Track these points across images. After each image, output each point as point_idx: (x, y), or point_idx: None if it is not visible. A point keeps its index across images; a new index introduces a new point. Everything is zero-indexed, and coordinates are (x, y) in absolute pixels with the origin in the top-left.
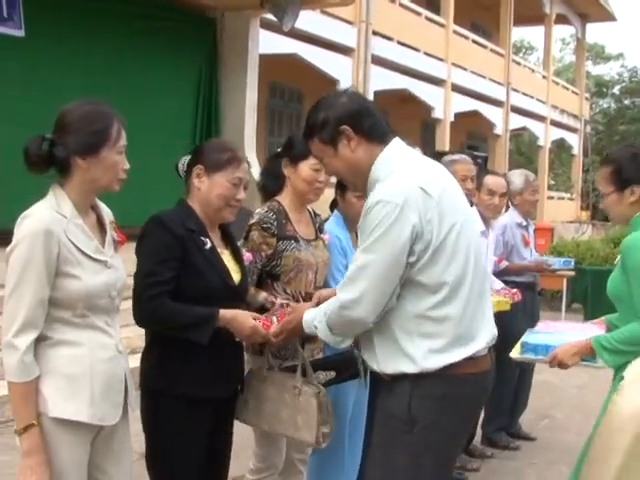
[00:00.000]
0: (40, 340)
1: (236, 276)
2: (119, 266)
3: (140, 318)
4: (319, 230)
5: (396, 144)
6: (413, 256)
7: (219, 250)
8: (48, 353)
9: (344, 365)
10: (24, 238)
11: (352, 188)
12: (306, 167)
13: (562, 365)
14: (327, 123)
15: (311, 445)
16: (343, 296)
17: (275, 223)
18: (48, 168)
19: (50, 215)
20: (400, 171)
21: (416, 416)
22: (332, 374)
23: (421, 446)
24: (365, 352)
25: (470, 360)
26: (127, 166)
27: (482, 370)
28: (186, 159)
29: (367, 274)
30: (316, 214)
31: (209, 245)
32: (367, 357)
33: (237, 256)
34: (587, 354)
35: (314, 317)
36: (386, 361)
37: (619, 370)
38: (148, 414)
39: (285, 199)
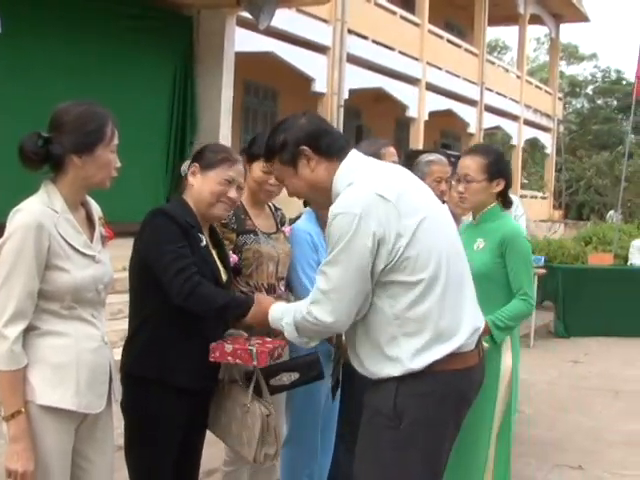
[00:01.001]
0: (28, 330)
1: (223, 275)
2: (107, 261)
3: (180, 299)
4: (280, 223)
5: (352, 157)
6: (380, 260)
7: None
8: (36, 343)
9: (308, 367)
10: (16, 231)
11: (316, 207)
12: (257, 168)
13: None
14: (286, 144)
15: (250, 463)
16: (317, 313)
17: (234, 218)
18: (42, 165)
19: (42, 210)
20: (357, 182)
21: (402, 413)
22: (296, 375)
23: (408, 442)
24: (350, 355)
25: (454, 356)
26: (119, 164)
27: (468, 366)
28: (188, 162)
29: (337, 286)
30: (277, 208)
31: (204, 243)
32: (352, 359)
33: (223, 256)
34: (484, 335)
35: (282, 315)
36: (371, 366)
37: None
38: (129, 401)
39: (243, 195)
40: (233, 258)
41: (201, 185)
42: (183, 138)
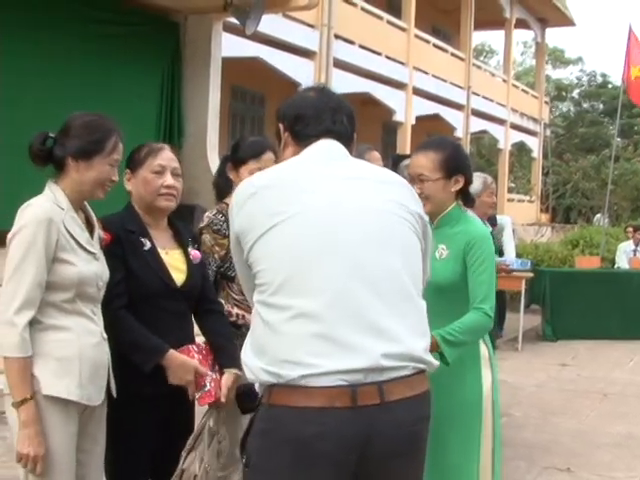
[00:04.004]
0: (31, 324)
1: (180, 276)
2: (104, 261)
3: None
4: None
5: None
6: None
7: (164, 250)
8: (39, 337)
9: None
10: (28, 224)
11: None
12: (245, 172)
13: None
14: None
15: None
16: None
17: (225, 224)
18: (47, 163)
19: (51, 206)
20: None
21: (249, 451)
22: None
23: None
24: None
25: (297, 388)
26: (116, 178)
27: (322, 406)
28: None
29: None
30: None
31: (148, 246)
32: None
33: (188, 256)
34: (432, 351)
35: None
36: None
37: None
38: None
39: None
40: (194, 254)
41: (137, 186)
42: (171, 143)
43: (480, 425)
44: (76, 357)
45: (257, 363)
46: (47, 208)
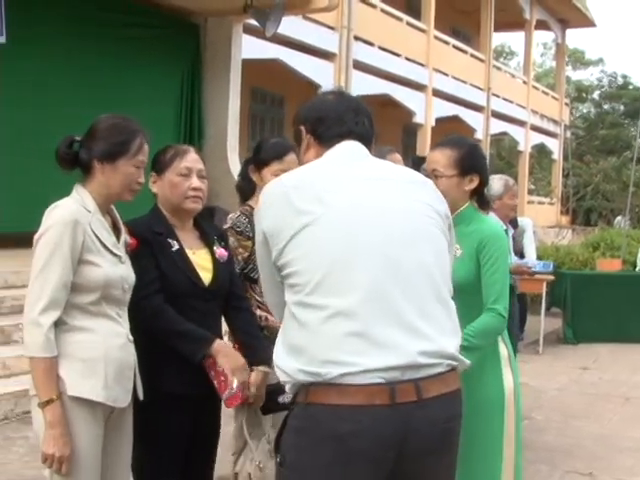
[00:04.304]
0: (56, 325)
1: (207, 275)
2: (129, 265)
3: (140, 323)
4: None
5: None
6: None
7: (192, 251)
8: (64, 338)
9: None
10: (54, 225)
11: None
12: (268, 173)
13: None
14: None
15: None
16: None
17: (249, 226)
18: (74, 167)
19: (77, 207)
20: None
21: (284, 450)
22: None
23: None
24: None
25: (335, 386)
26: (142, 180)
27: (360, 403)
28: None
29: None
30: None
31: (176, 247)
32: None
33: (214, 255)
34: None
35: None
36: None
37: None
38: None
39: (256, 203)
40: (220, 253)
41: (163, 189)
42: (191, 145)
43: (502, 426)
44: (101, 358)
45: (293, 364)
46: (74, 210)
